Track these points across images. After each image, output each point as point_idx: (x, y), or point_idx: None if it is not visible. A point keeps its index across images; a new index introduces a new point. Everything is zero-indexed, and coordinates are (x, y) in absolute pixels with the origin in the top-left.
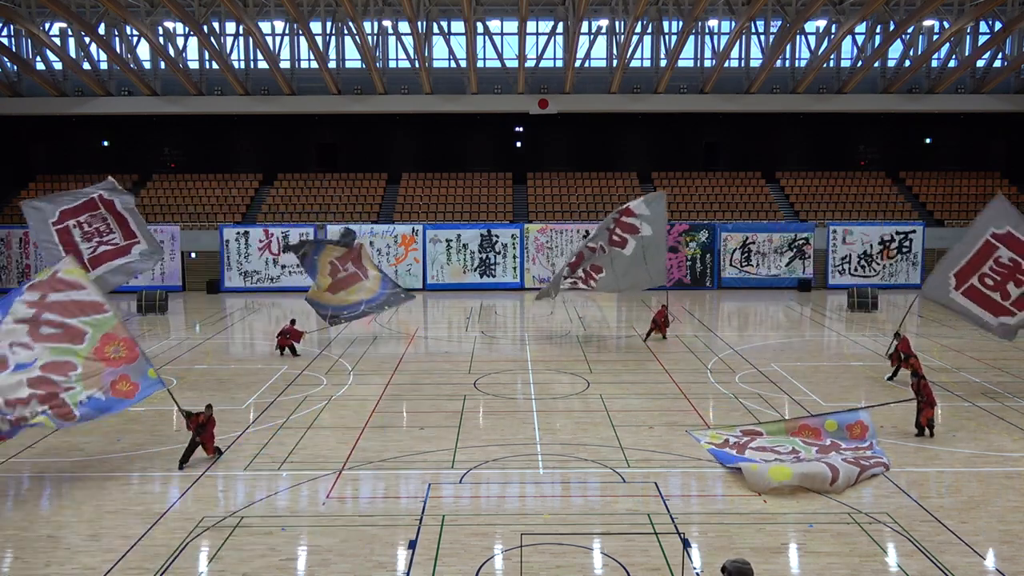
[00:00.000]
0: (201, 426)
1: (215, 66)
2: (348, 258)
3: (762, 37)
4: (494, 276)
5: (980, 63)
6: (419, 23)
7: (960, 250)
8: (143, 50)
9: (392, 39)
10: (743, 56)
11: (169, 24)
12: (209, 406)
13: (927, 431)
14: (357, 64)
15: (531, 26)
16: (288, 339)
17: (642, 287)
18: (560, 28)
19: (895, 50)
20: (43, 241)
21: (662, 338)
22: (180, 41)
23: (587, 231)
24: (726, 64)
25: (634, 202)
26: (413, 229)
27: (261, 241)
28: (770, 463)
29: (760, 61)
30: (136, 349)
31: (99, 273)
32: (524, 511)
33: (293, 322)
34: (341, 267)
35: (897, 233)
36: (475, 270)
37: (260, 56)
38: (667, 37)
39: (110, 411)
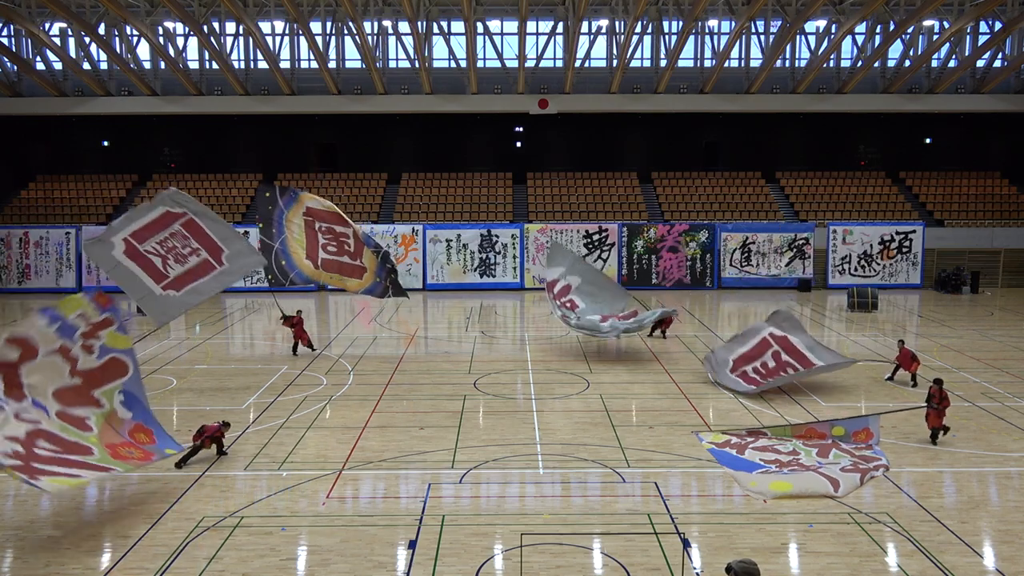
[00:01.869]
0: (211, 436)
1: (215, 66)
2: (332, 219)
3: (762, 37)
4: (494, 276)
5: (980, 63)
6: (419, 23)
7: (740, 341)
8: (143, 50)
9: (392, 39)
10: (743, 56)
11: (169, 24)
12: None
13: (933, 436)
14: (357, 64)
15: (531, 26)
16: (299, 332)
17: (623, 300)
18: (560, 28)
19: (895, 50)
20: (116, 273)
21: (662, 337)
22: (180, 41)
23: (587, 231)
24: (726, 64)
25: (549, 274)
26: (413, 229)
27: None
28: (771, 475)
29: (760, 61)
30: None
31: (193, 286)
32: (524, 511)
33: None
34: (324, 235)
35: (897, 233)
36: (475, 270)
37: (260, 56)
38: (667, 37)
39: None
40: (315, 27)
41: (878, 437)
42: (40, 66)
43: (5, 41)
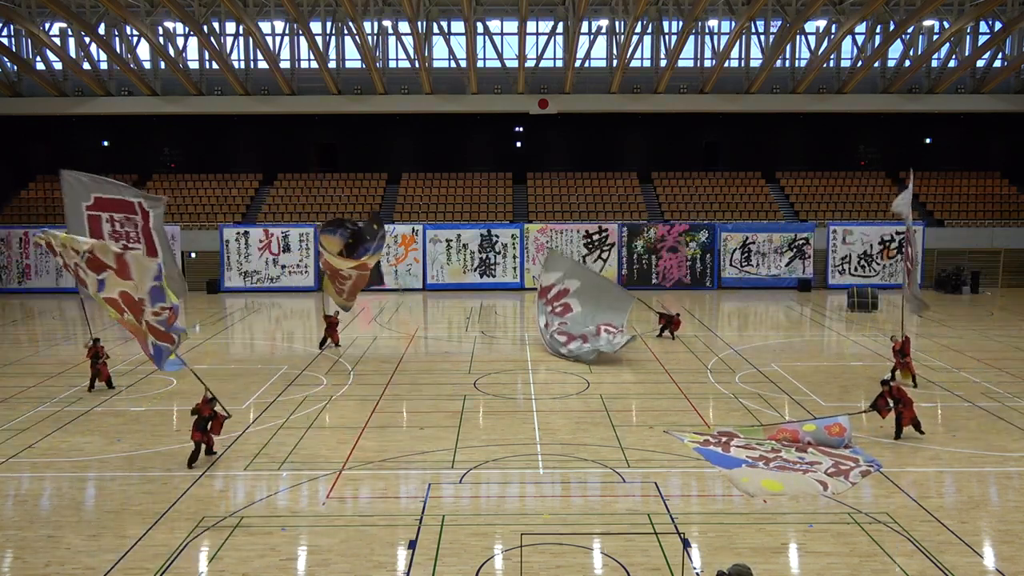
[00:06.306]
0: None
1: (215, 66)
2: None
3: (762, 37)
4: (494, 276)
5: (980, 63)
6: (419, 23)
7: None
8: (143, 50)
9: (392, 39)
10: (743, 56)
11: (169, 24)
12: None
13: (916, 429)
14: (357, 64)
15: (531, 26)
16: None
17: (627, 302)
18: (560, 28)
19: (895, 50)
20: (73, 218)
21: (671, 338)
22: (180, 41)
23: (587, 231)
24: (726, 64)
25: (545, 279)
26: (413, 229)
27: (261, 241)
28: (760, 472)
29: (760, 61)
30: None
31: None
32: (524, 511)
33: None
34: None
35: (897, 233)
36: (475, 270)
37: (260, 56)
38: (667, 37)
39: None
40: (315, 27)
41: (850, 434)
42: (40, 66)
43: (5, 41)
